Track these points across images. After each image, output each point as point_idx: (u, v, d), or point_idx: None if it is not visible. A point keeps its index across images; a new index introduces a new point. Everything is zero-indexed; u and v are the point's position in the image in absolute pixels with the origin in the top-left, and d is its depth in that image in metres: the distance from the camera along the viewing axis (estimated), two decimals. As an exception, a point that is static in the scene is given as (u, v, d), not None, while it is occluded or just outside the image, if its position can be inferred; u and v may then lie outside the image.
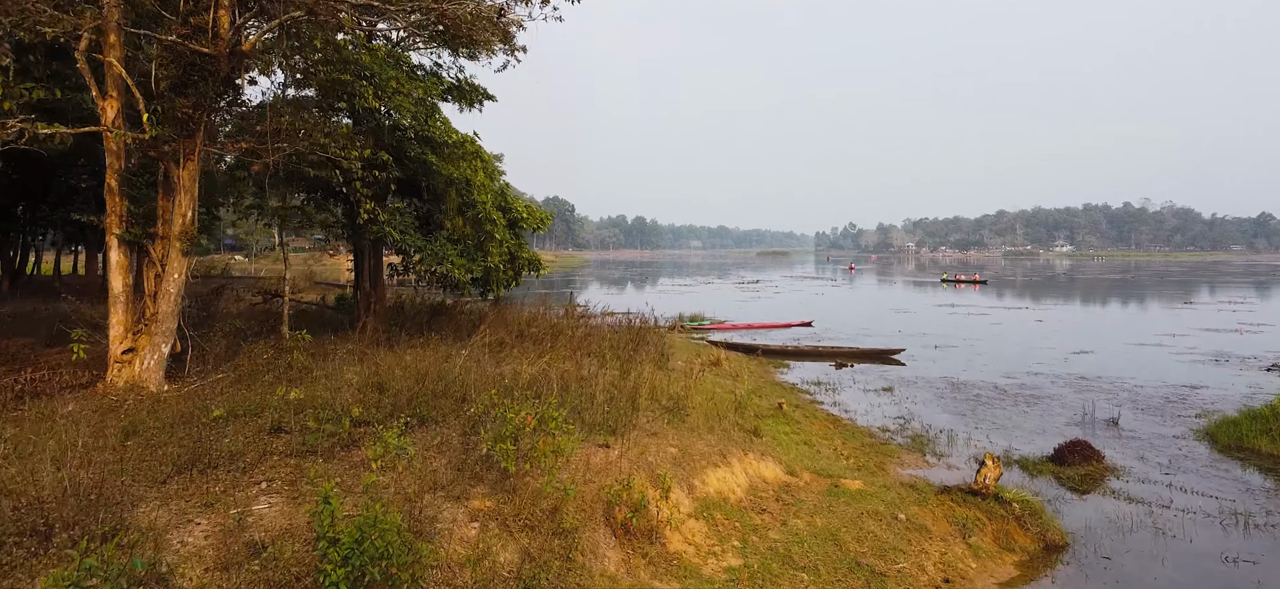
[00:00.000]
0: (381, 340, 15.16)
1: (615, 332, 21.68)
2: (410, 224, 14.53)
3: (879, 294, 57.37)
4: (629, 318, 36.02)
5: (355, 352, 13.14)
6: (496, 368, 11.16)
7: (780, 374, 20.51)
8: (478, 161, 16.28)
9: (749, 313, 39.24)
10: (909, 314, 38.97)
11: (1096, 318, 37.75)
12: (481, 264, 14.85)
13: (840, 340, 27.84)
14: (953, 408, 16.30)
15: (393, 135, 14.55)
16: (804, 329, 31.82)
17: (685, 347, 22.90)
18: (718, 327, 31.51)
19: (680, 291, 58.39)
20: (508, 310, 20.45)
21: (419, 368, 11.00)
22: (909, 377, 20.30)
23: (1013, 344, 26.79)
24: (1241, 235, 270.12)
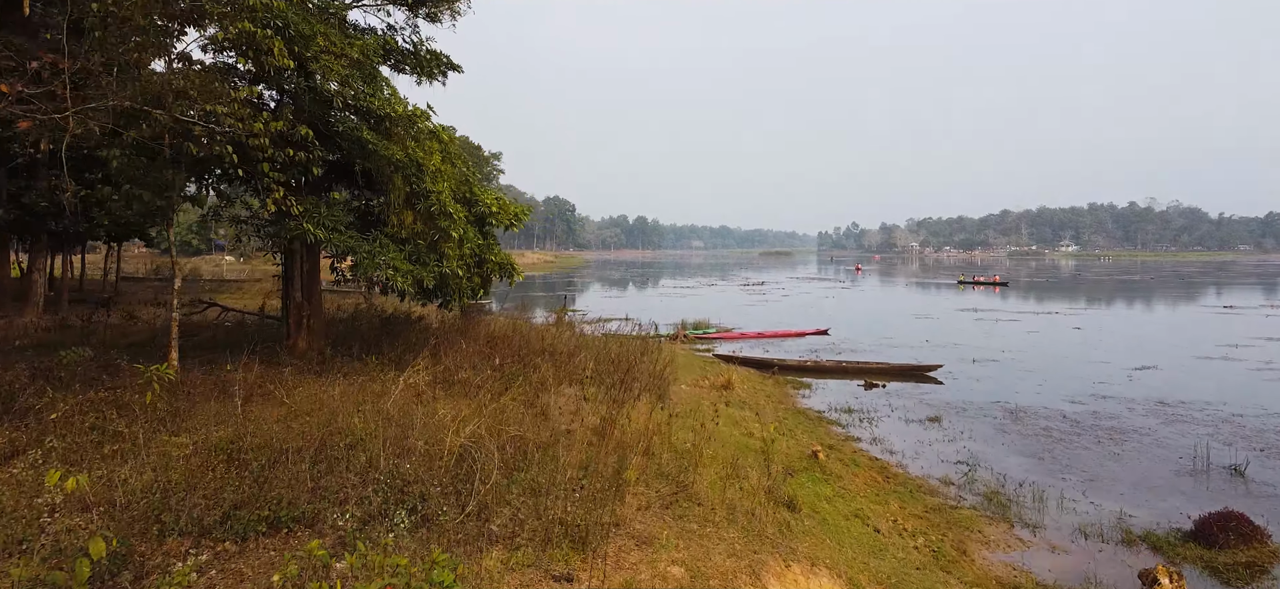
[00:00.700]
0: (311, 366, 12.07)
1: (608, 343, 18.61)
2: (341, 219, 11.42)
3: (893, 297, 54.18)
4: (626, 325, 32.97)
5: (258, 386, 10.03)
6: (431, 415, 8.03)
7: (802, 398, 17.38)
8: (433, 142, 13.16)
9: (757, 318, 36.12)
10: (931, 320, 35.82)
11: (1137, 324, 34.57)
12: (435, 269, 11.75)
13: (863, 353, 24.70)
14: (1021, 447, 13.16)
15: (318, 106, 11.46)
16: (820, 339, 28.70)
17: (689, 363, 19.78)
18: (725, 335, 28.39)
19: (682, 294, 55.26)
20: (482, 322, 17.35)
21: (326, 414, 7.92)
22: (953, 399, 17.17)
23: (1060, 357, 23.63)
24: (1249, 235, 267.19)
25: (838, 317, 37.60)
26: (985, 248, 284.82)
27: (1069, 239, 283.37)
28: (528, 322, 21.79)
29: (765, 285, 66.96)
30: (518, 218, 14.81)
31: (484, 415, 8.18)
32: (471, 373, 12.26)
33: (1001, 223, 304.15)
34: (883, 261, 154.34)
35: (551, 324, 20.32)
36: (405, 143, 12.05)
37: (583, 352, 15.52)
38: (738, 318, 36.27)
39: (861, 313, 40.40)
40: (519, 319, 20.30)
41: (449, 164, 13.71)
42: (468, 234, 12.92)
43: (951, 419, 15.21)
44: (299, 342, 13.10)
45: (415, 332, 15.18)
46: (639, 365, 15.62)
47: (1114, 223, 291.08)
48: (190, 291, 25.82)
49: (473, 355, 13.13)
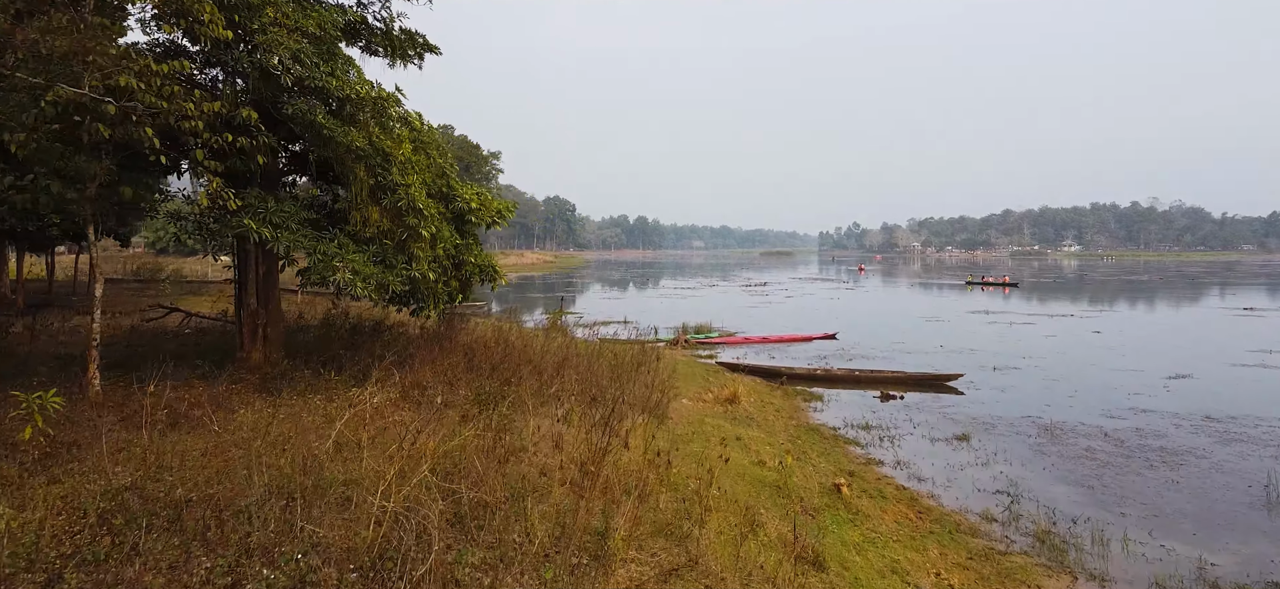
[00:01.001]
0: (264, 382, 10.63)
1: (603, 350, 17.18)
2: (293, 213, 9.98)
3: (900, 298, 52.70)
4: (625, 329, 31.50)
5: (189, 410, 8.60)
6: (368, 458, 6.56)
7: (814, 412, 15.92)
8: (404, 130, 11.73)
9: (761, 322, 34.66)
10: (942, 323, 34.36)
11: (1159, 328, 33.09)
12: (403, 272, 10.31)
13: (875, 359, 23.25)
14: (1065, 472, 11.71)
15: (268, 87, 10.03)
16: (828, 343, 27.25)
17: (691, 372, 18.34)
18: (728, 340, 26.94)
19: (683, 295, 53.81)
20: (465, 330, 15.92)
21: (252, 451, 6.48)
22: (979, 413, 15.72)
23: (1086, 365, 22.17)
24: (1252, 234, 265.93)
25: (845, 319, 36.14)
26: (987, 248, 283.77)
27: (1071, 239, 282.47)
28: (518, 326, 20.35)
29: (768, 286, 65.50)
30: (501, 215, 13.36)
31: (456, 442, 6.73)
32: (446, 390, 10.82)
33: (1003, 223, 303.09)
34: (884, 262, 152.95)
35: (543, 330, 18.89)
36: (369, 130, 10.61)
37: (573, 363, 14.08)
38: (741, 321, 34.81)
39: (869, 315, 38.94)
40: (508, 324, 18.86)
41: (423, 155, 12.27)
42: (442, 233, 11.48)
43: (981, 437, 13.75)
44: (253, 353, 11.66)
45: (386, 342, 13.74)
46: (636, 378, 14.18)
47: (1117, 223, 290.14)
48: (157, 295, 24.33)
49: (449, 370, 11.69)
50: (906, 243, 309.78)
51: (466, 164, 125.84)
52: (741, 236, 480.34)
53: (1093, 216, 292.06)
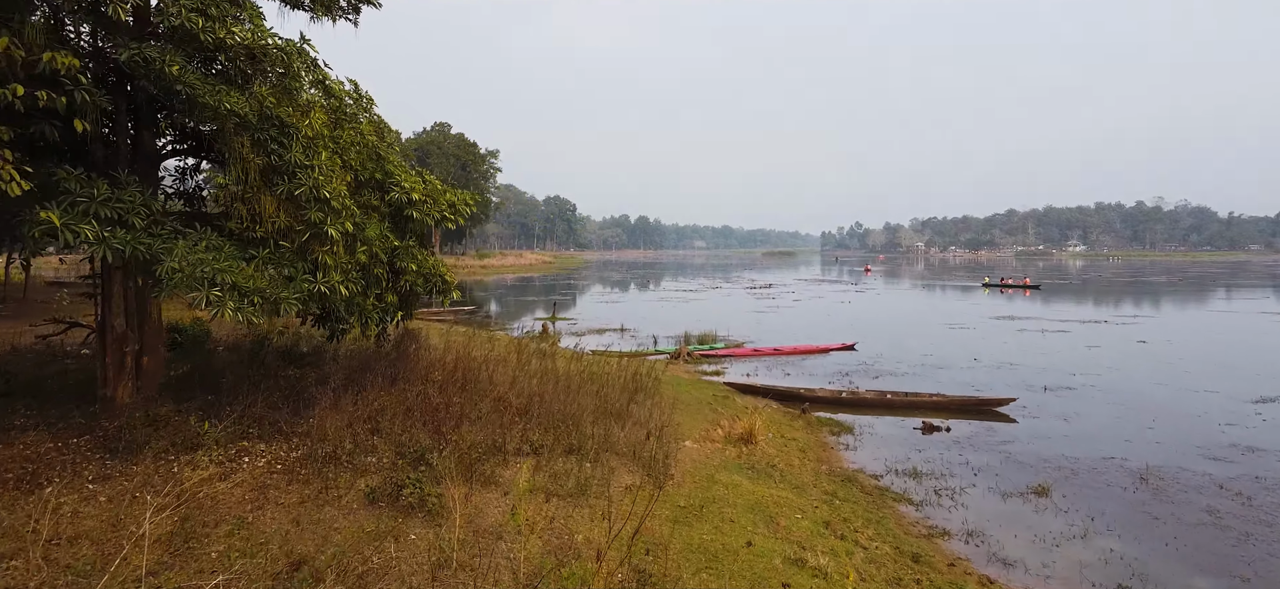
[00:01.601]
0: (123, 434, 7.79)
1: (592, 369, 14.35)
2: (135, 205, 7.12)
3: (916, 302, 49.77)
4: (622, 338, 28.61)
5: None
6: None
7: (846, 450, 13.05)
8: (315, 95, 8.89)
9: (770, 329, 31.79)
10: (967, 330, 31.49)
11: (1206, 336, 30.17)
12: (304, 288, 7.49)
13: (904, 376, 20.38)
14: (1193, 548, 8.85)
15: (108, 30, 7.21)
16: (847, 356, 24.40)
17: (695, 397, 15.46)
18: (735, 353, 24.06)
19: (685, 299, 50.91)
20: (418, 350, 13.08)
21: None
22: (1048, 453, 12.86)
23: (1151, 384, 19.31)
24: (1259, 234, 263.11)
25: (860, 326, 33.26)
26: (991, 248, 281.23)
27: (1076, 239, 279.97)
28: (491, 340, 17.52)
29: (773, 288, 62.62)
30: (456, 210, 10.47)
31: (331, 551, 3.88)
32: (364, 447, 7.96)
33: (1008, 222, 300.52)
34: (887, 262, 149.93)
35: (519, 345, 16.05)
36: (259, 94, 7.75)
37: (551, 394, 11.24)
38: (748, 328, 31.94)
39: (885, 321, 36.05)
40: (474, 340, 16.02)
41: (350, 129, 9.42)
42: (368, 231, 8.62)
43: (1064, 490, 10.88)
44: (119, 391, 8.78)
45: (325, 370, 10.87)
46: (629, 414, 11.33)
47: (1122, 223, 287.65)
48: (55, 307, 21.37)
49: (381, 412, 8.84)
50: (910, 243, 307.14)
51: (464, 163, 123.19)
52: (743, 236, 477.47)
53: (1097, 216, 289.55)
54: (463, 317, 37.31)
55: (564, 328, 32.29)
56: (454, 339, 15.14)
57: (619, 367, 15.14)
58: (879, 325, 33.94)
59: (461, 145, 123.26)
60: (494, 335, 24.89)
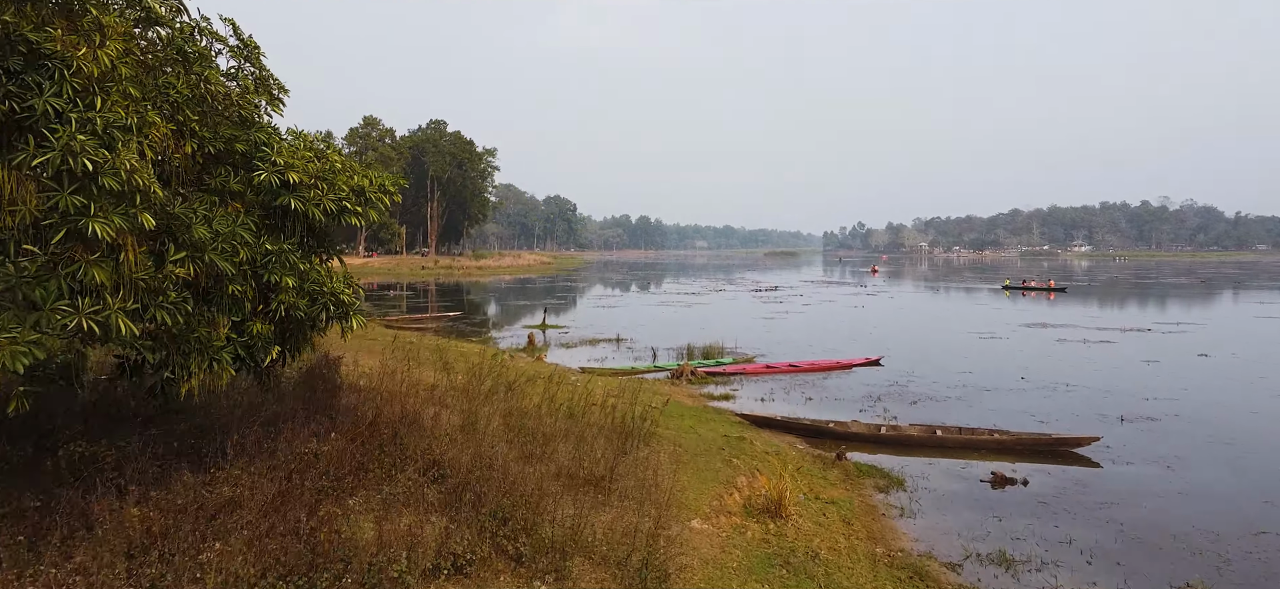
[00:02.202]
0: None
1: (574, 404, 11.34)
2: None
3: (934, 306, 46.62)
4: (617, 350, 25.48)
5: None
6: None
7: (899, 514, 9.93)
8: (119, 21, 5.81)
9: (781, 337, 28.69)
10: (998, 339, 28.40)
11: (1266, 346, 27.02)
12: (61, 319, 4.48)
13: (947, 400, 17.28)
14: None
15: None
16: (874, 372, 21.32)
17: (703, 440, 12.32)
18: (746, 369, 20.96)
19: (687, 302, 47.77)
20: (343, 385, 10.01)
21: None
22: (1170, 522, 9.76)
23: (1244, 412, 16.23)
24: (1267, 234, 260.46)
25: (879, 334, 30.16)
26: (996, 247, 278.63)
27: (1082, 239, 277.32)
28: (449, 360, 14.47)
29: (779, 291, 59.52)
30: (366, 199, 7.35)
31: None
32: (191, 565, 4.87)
33: (1012, 222, 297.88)
34: (890, 262, 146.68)
35: (480, 375, 12.99)
36: None
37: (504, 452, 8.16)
38: (756, 337, 28.85)
39: (906, 329, 32.93)
40: (453, 350, 12.99)
41: (180, 72, 6.30)
42: (198, 231, 5.54)
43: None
44: None
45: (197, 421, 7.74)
46: (614, 480, 8.27)
47: (1128, 222, 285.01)
48: None
49: (230, 507, 5.75)
50: (913, 243, 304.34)
51: (460, 161, 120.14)
52: (744, 236, 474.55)
53: (1103, 216, 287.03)
54: (446, 323, 34.26)
55: (555, 337, 29.23)
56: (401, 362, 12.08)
57: (607, 399, 12.08)
58: (900, 334, 30.83)
59: (458, 143, 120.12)
60: (467, 349, 21.79)
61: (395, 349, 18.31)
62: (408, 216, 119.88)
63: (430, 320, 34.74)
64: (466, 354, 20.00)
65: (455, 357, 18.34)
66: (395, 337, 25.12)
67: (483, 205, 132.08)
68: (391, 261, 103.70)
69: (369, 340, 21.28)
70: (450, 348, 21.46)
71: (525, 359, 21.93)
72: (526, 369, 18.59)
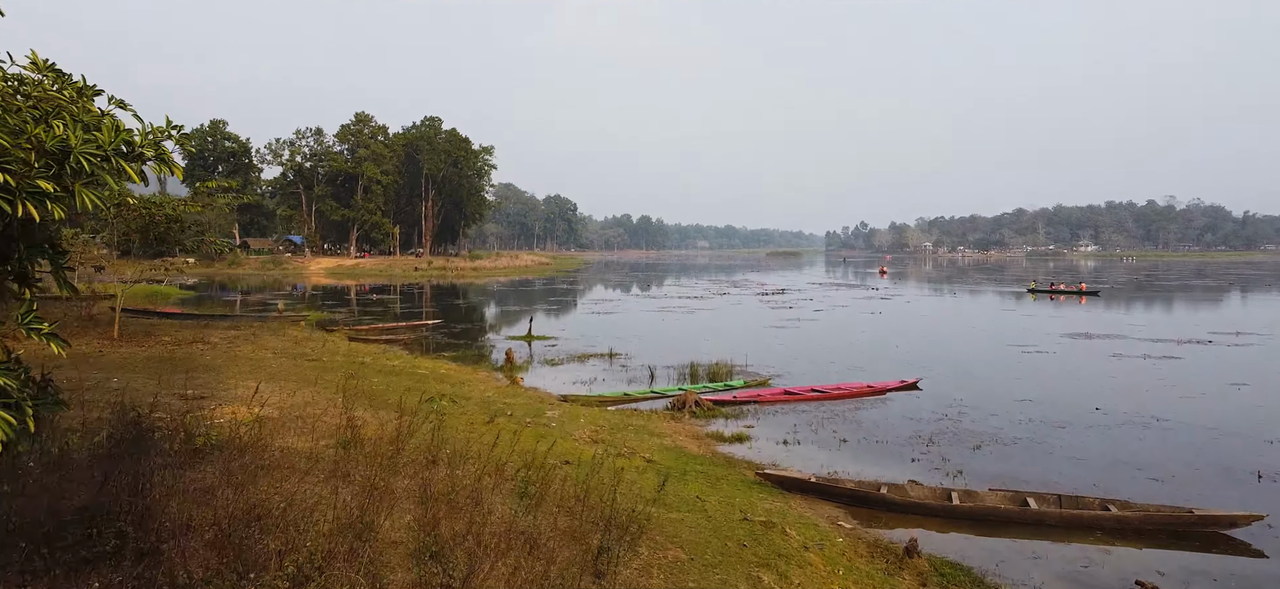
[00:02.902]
0: None
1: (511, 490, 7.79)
2: None
3: (958, 313, 43.00)
4: (610, 368, 22.02)
5: None
6: None
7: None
8: None
9: (796, 351, 25.16)
10: (1044, 354, 24.88)
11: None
12: None
13: (1017, 446, 13.75)
14: None
15: None
16: (912, 398, 17.84)
17: (716, 519, 8.70)
18: (761, 396, 17.45)
19: (689, 307, 44.22)
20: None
21: None
22: None
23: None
24: (1275, 234, 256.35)
25: (906, 346, 26.66)
26: (1001, 247, 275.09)
27: (1088, 239, 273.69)
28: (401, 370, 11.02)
29: (786, 294, 56.01)
30: (131, 148, 3.82)
31: None
32: None
33: (1017, 222, 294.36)
34: (895, 262, 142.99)
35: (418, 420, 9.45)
36: None
37: None
38: (768, 350, 25.35)
39: (934, 339, 29.41)
40: (400, 378, 9.49)
41: None
42: None
43: None
44: None
45: None
46: None
47: (1135, 222, 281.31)
48: None
49: None
50: (917, 243, 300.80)
51: (456, 159, 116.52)
52: (746, 236, 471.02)
53: (1109, 215, 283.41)
54: (421, 334, 30.78)
55: (541, 351, 25.75)
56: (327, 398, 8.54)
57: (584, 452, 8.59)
58: (930, 346, 27.30)
59: (453, 140, 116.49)
60: (427, 371, 18.27)
61: (330, 376, 14.83)
62: (402, 216, 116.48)
63: (404, 330, 31.27)
64: (422, 380, 16.53)
65: (403, 386, 14.88)
66: (349, 352, 21.69)
67: (480, 204, 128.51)
68: (384, 262, 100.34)
69: (311, 362, 17.87)
70: (405, 371, 17.95)
71: (497, 383, 18.45)
72: (492, 400, 15.10)
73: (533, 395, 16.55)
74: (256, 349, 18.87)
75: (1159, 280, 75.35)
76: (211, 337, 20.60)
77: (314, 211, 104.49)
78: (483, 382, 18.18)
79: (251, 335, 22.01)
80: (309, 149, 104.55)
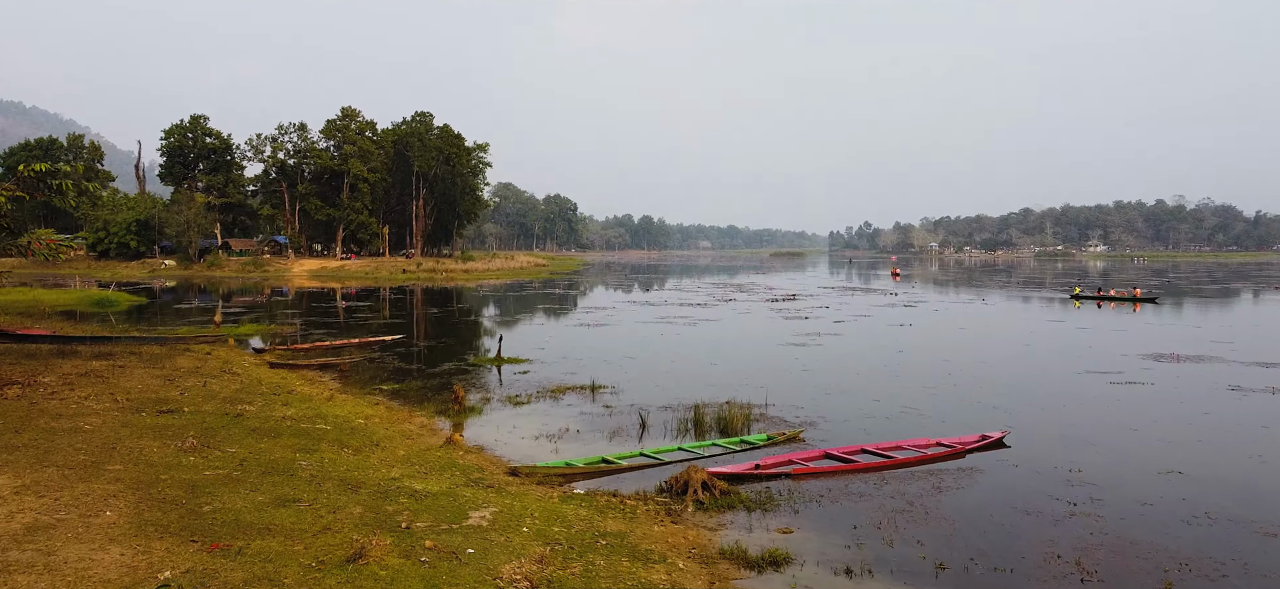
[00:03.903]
0: None
1: None
2: None
3: (997, 323, 37.72)
4: (589, 408, 16.80)
5: None
6: None
7: None
8: None
9: (826, 378, 20.02)
10: (1138, 386, 19.76)
11: None
12: None
13: (1226, 582, 8.65)
14: None
15: None
16: (997, 460, 12.75)
17: None
18: (793, 461, 12.32)
19: (692, 318, 38.92)
20: None
21: None
22: None
23: None
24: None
25: (957, 370, 21.53)
26: (1008, 248, 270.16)
27: (1097, 239, 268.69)
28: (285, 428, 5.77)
29: (798, 300, 50.89)
30: None
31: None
32: None
33: (1024, 221, 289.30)
34: (901, 263, 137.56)
35: None
36: None
37: None
38: (790, 378, 20.25)
39: (989, 361, 24.28)
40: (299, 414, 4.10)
41: None
42: None
43: None
44: None
45: None
46: None
47: (1144, 222, 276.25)
48: None
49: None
50: (923, 243, 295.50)
51: (448, 156, 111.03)
52: (749, 236, 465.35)
53: (1118, 215, 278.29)
54: (373, 353, 25.70)
55: (510, 380, 20.71)
56: None
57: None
58: (988, 371, 22.17)
59: (445, 137, 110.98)
60: (331, 412, 13.12)
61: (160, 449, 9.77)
62: (393, 216, 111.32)
63: (355, 349, 26.17)
64: (311, 442, 11.39)
65: (267, 460, 9.82)
66: (243, 389, 16.62)
67: (474, 203, 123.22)
68: (371, 264, 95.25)
69: (164, 415, 12.84)
70: (299, 424, 12.75)
71: (427, 440, 13.33)
72: (397, 484, 9.96)
73: (467, 468, 11.41)
74: (100, 393, 13.76)
75: (1199, 283, 70.06)
76: (46, 376, 15.43)
77: (298, 211, 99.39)
78: (406, 439, 13.06)
79: (122, 368, 16.88)
80: (292, 145, 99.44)
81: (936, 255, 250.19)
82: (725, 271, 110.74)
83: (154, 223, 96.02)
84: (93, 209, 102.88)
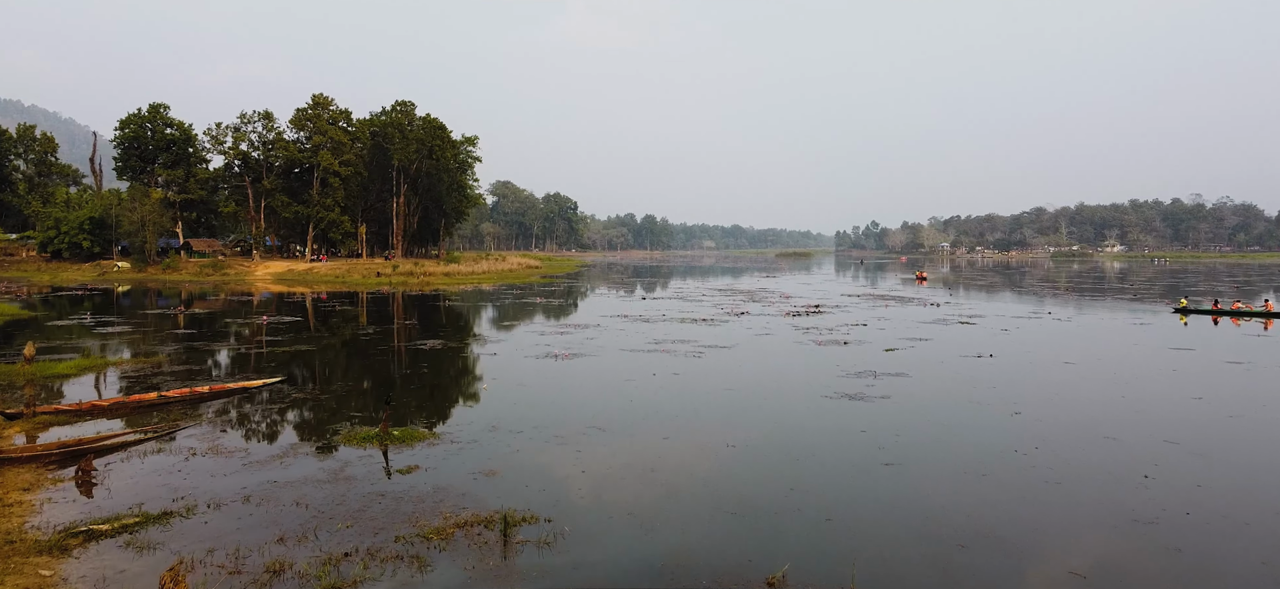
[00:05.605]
0: None
1: None
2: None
3: (1099, 348, 28.60)
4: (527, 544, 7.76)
5: None
6: None
7: None
8: None
9: (924, 475, 11.30)
10: None
11: None
12: None
13: None
14: None
15: None
16: None
17: None
18: None
19: (695, 339, 29.85)
20: None
21: None
22: None
23: None
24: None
25: (1125, 446, 12.71)
26: (1022, 247, 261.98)
27: (1114, 239, 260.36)
28: None
29: (823, 311, 42.07)
30: None
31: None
32: None
33: (1037, 221, 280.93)
34: (910, 264, 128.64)
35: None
36: None
37: None
38: (861, 476, 11.51)
39: (1149, 421, 15.46)
40: None
41: None
42: None
43: None
44: None
45: None
46: None
47: (1163, 221, 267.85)
48: None
49: None
50: (932, 242, 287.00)
51: (431, 148, 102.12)
52: (753, 236, 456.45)
53: (1135, 214, 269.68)
54: (232, 403, 16.94)
55: (361, 499, 11.91)
56: None
57: None
58: (1158, 441, 13.32)
59: (428, 128, 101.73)
60: None
61: None
62: (372, 214, 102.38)
63: (219, 393, 17.36)
64: None
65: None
66: None
67: (462, 200, 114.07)
68: (343, 267, 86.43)
69: None
70: None
71: None
72: None
73: None
74: None
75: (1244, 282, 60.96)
76: None
77: (263, 208, 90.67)
78: None
79: None
80: (257, 136, 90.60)
81: (948, 255, 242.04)
82: (730, 273, 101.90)
83: (110, 221, 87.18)
84: (43, 206, 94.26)
